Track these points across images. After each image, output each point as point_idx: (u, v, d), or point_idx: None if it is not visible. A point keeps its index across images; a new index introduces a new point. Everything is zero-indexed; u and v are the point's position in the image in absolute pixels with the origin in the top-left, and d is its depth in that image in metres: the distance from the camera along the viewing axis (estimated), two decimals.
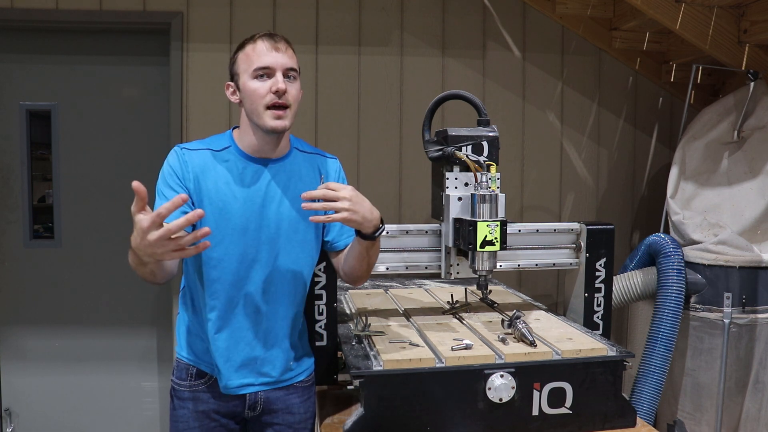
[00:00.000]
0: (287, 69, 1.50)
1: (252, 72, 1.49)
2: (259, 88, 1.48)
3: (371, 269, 1.64)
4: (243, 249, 1.51)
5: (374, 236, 1.49)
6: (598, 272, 1.92)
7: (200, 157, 1.53)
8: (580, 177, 3.18)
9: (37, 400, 3.00)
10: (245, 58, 1.51)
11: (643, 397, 2.47)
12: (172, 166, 1.52)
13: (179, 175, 1.50)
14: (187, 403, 1.56)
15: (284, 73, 1.49)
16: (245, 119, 1.55)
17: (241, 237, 1.51)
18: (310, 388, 1.66)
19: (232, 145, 1.56)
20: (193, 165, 1.51)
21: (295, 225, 1.56)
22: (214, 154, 1.54)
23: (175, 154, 1.53)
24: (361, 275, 1.62)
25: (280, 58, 1.49)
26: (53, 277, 2.98)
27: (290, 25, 2.88)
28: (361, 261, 1.57)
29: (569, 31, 3.09)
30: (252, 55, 1.49)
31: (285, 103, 1.49)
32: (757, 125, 2.69)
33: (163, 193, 1.50)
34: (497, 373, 1.49)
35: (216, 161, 1.53)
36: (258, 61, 1.48)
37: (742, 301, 2.47)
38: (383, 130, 3.01)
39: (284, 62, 1.50)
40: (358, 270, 1.60)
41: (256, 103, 1.48)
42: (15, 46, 2.89)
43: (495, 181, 1.64)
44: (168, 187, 1.50)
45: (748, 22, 2.65)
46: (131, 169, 2.97)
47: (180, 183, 1.50)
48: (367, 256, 1.55)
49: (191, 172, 1.50)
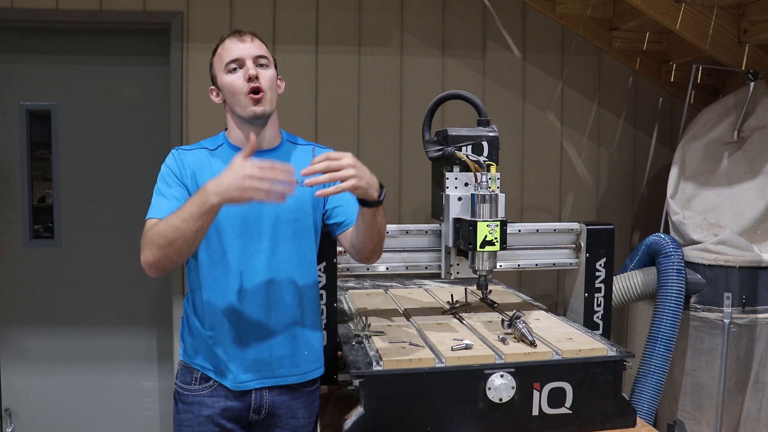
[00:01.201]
0: (256, 57, 1.55)
1: (224, 68, 1.55)
2: (234, 79, 1.54)
3: (383, 239, 1.59)
4: (244, 240, 1.52)
5: (380, 199, 1.46)
6: (598, 272, 1.92)
7: (196, 156, 1.57)
8: (580, 177, 3.18)
9: (37, 400, 3.00)
10: (218, 58, 1.58)
11: (643, 397, 2.47)
12: (169, 166, 1.56)
13: (177, 174, 1.54)
14: (192, 408, 1.55)
15: (254, 60, 1.55)
16: (230, 116, 1.60)
17: (242, 229, 1.52)
18: (314, 392, 1.65)
19: (224, 143, 1.60)
20: (189, 163, 1.55)
21: (294, 214, 1.56)
22: (210, 152, 1.59)
23: (171, 155, 1.58)
24: (374, 248, 1.58)
25: (247, 49, 1.55)
26: (53, 277, 2.98)
27: (290, 25, 2.88)
28: (371, 232, 1.52)
29: (569, 31, 3.09)
30: (222, 53, 1.56)
31: (259, 87, 1.53)
32: (757, 125, 2.69)
33: (161, 192, 1.53)
34: (497, 373, 1.49)
35: (211, 158, 1.57)
36: (227, 55, 1.55)
37: (742, 301, 2.47)
38: (383, 130, 3.01)
39: (251, 51, 1.55)
40: (370, 243, 1.55)
41: (234, 95, 1.54)
42: (15, 46, 2.89)
43: (495, 181, 1.65)
44: (166, 185, 1.53)
45: (748, 22, 2.65)
46: (131, 169, 2.97)
47: (178, 181, 1.53)
48: (376, 225, 1.51)
49: (188, 170, 1.54)
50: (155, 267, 1.41)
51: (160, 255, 1.38)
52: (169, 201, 1.50)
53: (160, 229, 1.38)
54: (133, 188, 2.97)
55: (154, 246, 1.38)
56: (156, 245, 1.38)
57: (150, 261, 1.40)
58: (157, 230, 1.38)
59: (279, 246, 1.55)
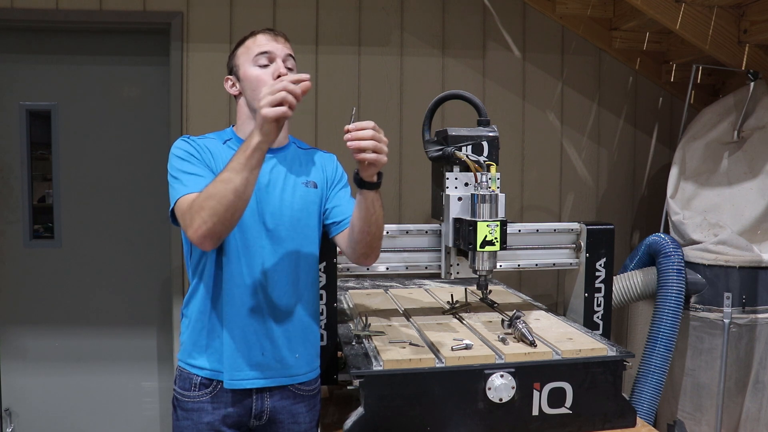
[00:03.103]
0: (287, 55, 1.57)
1: (253, 58, 1.54)
2: (261, 74, 1.54)
3: (380, 235, 1.56)
4: (247, 238, 1.51)
5: (379, 182, 1.49)
6: (598, 272, 1.92)
7: (210, 143, 1.55)
8: (580, 177, 3.18)
9: (37, 400, 3.00)
10: (245, 50, 1.57)
11: (643, 397, 2.47)
12: (184, 148, 1.51)
13: (197, 155, 1.50)
14: (192, 414, 1.53)
15: (284, 59, 1.56)
16: (244, 109, 1.58)
17: (246, 226, 1.50)
18: (315, 397, 1.64)
19: (233, 138, 1.59)
20: (204, 144, 1.53)
21: (299, 213, 1.57)
22: (220, 144, 1.57)
23: (183, 141, 1.54)
24: (371, 243, 1.54)
25: (280, 47, 1.56)
26: (53, 277, 2.98)
27: (290, 25, 2.88)
28: (370, 220, 1.49)
29: (569, 31, 3.09)
30: (253, 46, 1.56)
31: None
32: (757, 125, 2.69)
33: (185, 170, 1.46)
34: (497, 373, 1.49)
35: (222, 146, 1.56)
36: (258, 48, 1.55)
37: (742, 301, 2.47)
38: (383, 130, 3.00)
39: (284, 50, 1.57)
40: (368, 234, 1.52)
41: (258, 90, 1.49)
42: (15, 46, 2.89)
43: (495, 181, 1.64)
44: (189, 163, 1.47)
45: (748, 22, 2.65)
46: (131, 169, 2.97)
47: (200, 161, 1.49)
48: (375, 212, 1.49)
49: (208, 153, 1.52)
50: (210, 236, 1.35)
51: (215, 220, 1.33)
52: (201, 177, 1.45)
53: (209, 192, 1.33)
54: (133, 188, 2.98)
55: (205, 212, 1.33)
56: (208, 210, 1.32)
57: (204, 231, 1.34)
58: (205, 194, 1.34)
59: (281, 245, 1.54)
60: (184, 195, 1.42)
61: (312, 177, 1.62)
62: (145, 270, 3.02)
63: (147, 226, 2.98)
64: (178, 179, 1.46)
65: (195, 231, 1.35)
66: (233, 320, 1.52)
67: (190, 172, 1.46)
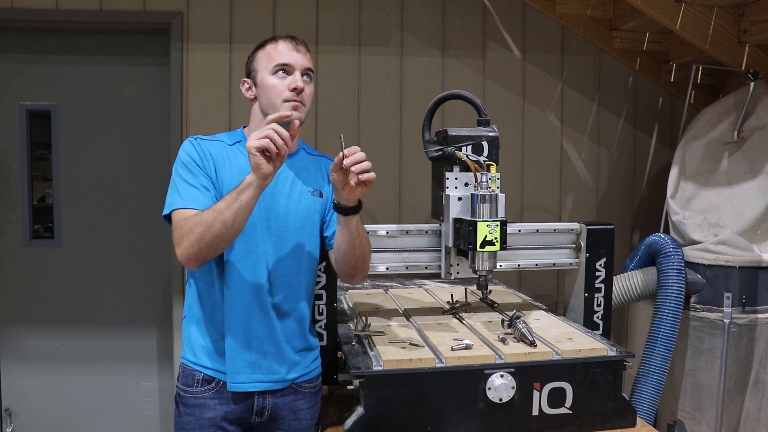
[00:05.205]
0: (305, 69, 1.57)
1: (272, 68, 1.55)
2: (278, 84, 1.54)
3: (366, 255, 1.59)
4: (253, 241, 1.52)
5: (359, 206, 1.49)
6: (598, 272, 1.92)
7: (215, 146, 1.56)
8: (580, 177, 3.18)
9: (37, 400, 3.00)
10: (266, 55, 1.57)
11: (643, 397, 2.47)
12: (189, 154, 1.53)
13: (199, 163, 1.52)
14: (194, 410, 1.54)
15: (302, 72, 1.56)
16: (258, 114, 1.59)
17: (249, 231, 1.50)
18: (317, 394, 1.65)
19: (243, 140, 1.59)
20: (209, 151, 1.54)
21: (302, 221, 1.58)
22: (228, 147, 1.58)
23: (190, 143, 1.55)
24: (357, 263, 1.57)
25: (300, 59, 1.56)
26: (53, 277, 2.98)
27: (290, 25, 2.88)
28: (354, 244, 1.53)
29: (569, 31, 3.09)
30: (273, 54, 1.56)
31: (301, 101, 1.54)
32: (757, 125, 2.69)
33: (187, 181, 1.50)
34: (497, 373, 1.49)
35: (230, 150, 1.56)
36: (279, 58, 1.55)
37: (742, 301, 2.47)
38: (383, 130, 3.01)
39: (303, 62, 1.57)
40: (352, 257, 1.55)
41: (273, 98, 1.53)
42: (15, 46, 2.89)
43: (495, 181, 1.64)
44: (191, 174, 1.51)
45: (748, 22, 2.65)
46: (131, 169, 2.97)
47: (201, 169, 1.52)
48: (358, 236, 1.52)
49: (209, 158, 1.53)
50: (195, 259, 1.41)
51: (202, 245, 1.38)
52: (198, 190, 1.48)
53: (201, 218, 1.38)
54: (133, 188, 2.97)
55: (194, 236, 1.38)
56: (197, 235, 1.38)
57: (189, 254, 1.40)
58: (197, 219, 1.39)
59: (284, 249, 1.55)
60: (178, 209, 1.46)
61: (319, 186, 1.63)
62: (145, 270, 3.02)
63: (147, 226, 2.98)
64: (177, 187, 1.50)
65: (182, 252, 1.41)
66: (235, 323, 1.52)
67: (190, 183, 1.49)
